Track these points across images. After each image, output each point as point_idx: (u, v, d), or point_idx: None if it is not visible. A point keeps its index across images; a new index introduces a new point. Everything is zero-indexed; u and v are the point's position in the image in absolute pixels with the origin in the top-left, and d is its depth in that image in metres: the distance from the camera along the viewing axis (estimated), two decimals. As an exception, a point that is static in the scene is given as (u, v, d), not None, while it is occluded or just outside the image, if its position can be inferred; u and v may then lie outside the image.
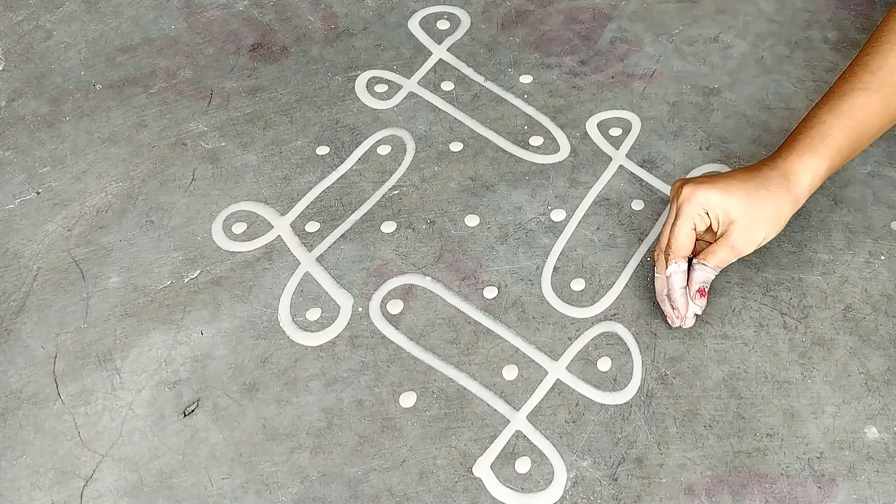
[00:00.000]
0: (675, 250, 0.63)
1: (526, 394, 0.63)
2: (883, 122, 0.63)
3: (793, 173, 0.62)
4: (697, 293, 0.63)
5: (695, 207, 0.62)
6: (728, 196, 0.61)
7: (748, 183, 0.62)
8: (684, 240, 0.62)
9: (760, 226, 0.61)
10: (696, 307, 0.63)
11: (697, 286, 0.63)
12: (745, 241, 0.62)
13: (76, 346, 0.65)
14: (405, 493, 0.58)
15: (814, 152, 0.62)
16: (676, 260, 0.63)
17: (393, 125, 0.78)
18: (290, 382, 0.63)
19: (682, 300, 0.63)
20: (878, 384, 0.63)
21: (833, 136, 0.62)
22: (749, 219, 0.61)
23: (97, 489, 0.59)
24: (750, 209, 0.61)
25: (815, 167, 0.62)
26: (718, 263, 0.63)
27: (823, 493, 0.58)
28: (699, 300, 0.63)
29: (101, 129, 0.78)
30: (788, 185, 0.61)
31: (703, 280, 0.63)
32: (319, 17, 0.87)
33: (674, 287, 0.63)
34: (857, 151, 0.64)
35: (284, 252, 0.70)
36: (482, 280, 0.68)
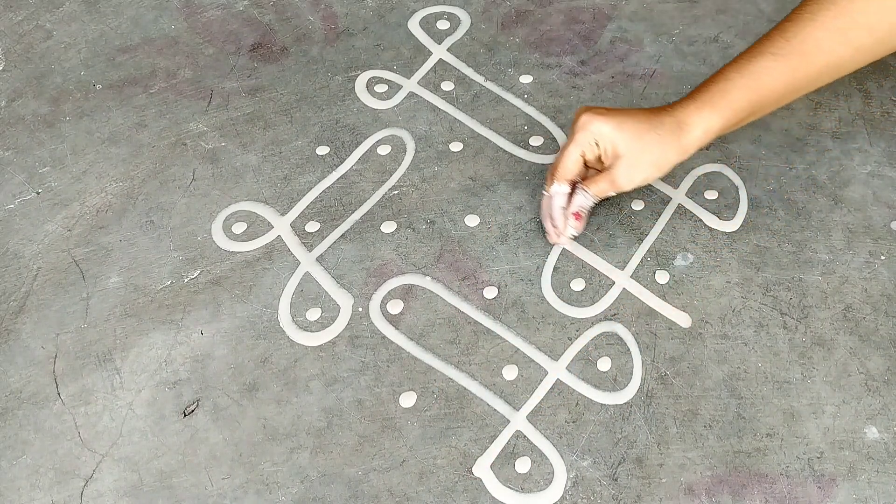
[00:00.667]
0: (560, 172, 0.66)
1: (526, 394, 0.63)
2: (787, 90, 0.64)
3: (686, 123, 0.63)
4: (573, 216, 0.67)
5: (587, 136, 0.64)
6: (619, 132, 0.63)
7: (642, 123, 0.63)
8: (570, 164, 0.66)
9: (643, 167, 0.64)
10: (572, 229, 0.68)
11: (574, 209, 0.67)
12: (626, 178, 0.64)
13: (76, 346, 0.65)
14: (405, 493, 0.58)
15: (711, 106, 0.63)
16: (560, 182, 0.67)
17: (393, 125, 0.78)
18: (290, 382, 0.63)
19: (560, 219, 0.68)
20: (878, 384, 0.63)
21: (733, 95, 0.63)
22: (633, 158, 0.64)
23: (97, 489, 0.59)
24: (636, 149, 0.63)
25: (709, 122, 0.63)
26: (597, 192, 0.66)
27: (823, 493, 0.58)
28: (574, 222, 0.68)
29: (101, 129, 0.78)
30: (679, 134, 0.63)
31: (581, 205, 0.67)
32: (319, 17, 0.87)
33: (554, 206, 0.68)
34: (756, 115, 0.65)
35: (284, 252, 0.70)
36: (482, 280, 0.68)
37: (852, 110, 0.78)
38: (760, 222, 0.71)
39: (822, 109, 0.78)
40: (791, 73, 0.63)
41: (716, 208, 0.72)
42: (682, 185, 0.74)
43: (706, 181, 0.74)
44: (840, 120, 0.78)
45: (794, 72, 0.63)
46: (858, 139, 0.76)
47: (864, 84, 0.80)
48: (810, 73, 0.63)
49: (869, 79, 0.81)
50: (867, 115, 0.78)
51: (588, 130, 0.64)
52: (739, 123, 0.64)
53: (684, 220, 0.72)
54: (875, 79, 0.81)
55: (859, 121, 0.78)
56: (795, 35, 0.62)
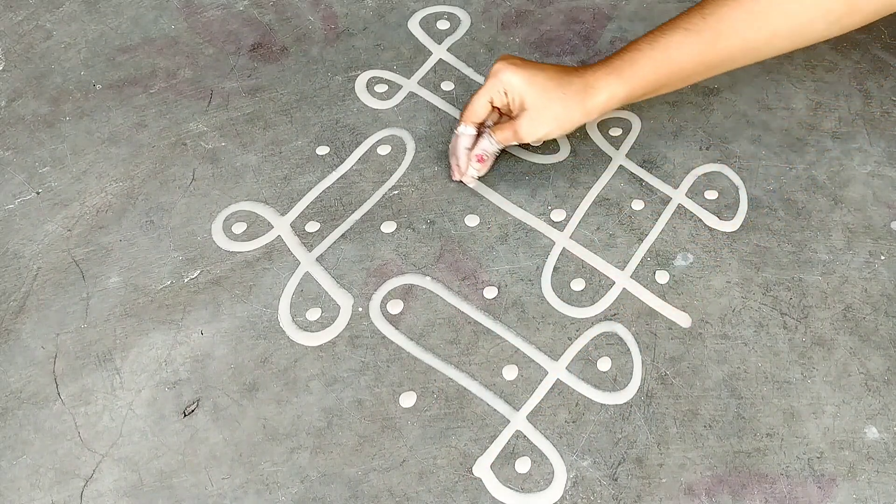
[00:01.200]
0: (467, 115, 0.69)
1: (526, 394, 0.63)
2: (697, 67, 0.65)
3: (592, 87, 0.65)
4: (476, 157, 0.70)
5: (497, 84, 0.67)
6: (528, 85, 0.65)
7: (551, 80, 0.66)
8: (478, 108, 0.68)
9: (545, 122, 0.66)
10: (474, 170, 0.71)
11: (478, 152, 0.70)
12: (528, 130, 0.67)
13: (76, 346, 0.65)
14: (405, 493, 0.58)
15: (618, 74, 0.65)
16: (467, 123, 0.70)
17: (393, 125, 0.78)
18: (290, 382, 0.63)
19: (463, 158, 0.71)
20: (878, 384, 0.63)
21: (641, 65, 0.64)
22: (538, 112, 0.66)
23: (97, 489, 0.59)
24: (541, 104, 0.66)
25: (615, 89, 0.65)
26: (501, 139, 0.69)
27: (823, 493, 0.58)
28: (476, 164, 0.71)
29: (101, 129, 0.78)
30: (584, 97, 0.65)
31: (484, 148, 0.70)
32: (319, 17, 0.87)
33: (458, 146, 0.71)
34: (664, 88, 0.66)
35: (284, 252, 0.70)
36: (482, 280, 0.68)
37: (852, 110, 0.78)
38: (760, 222, 0.71)
39: (822, 109, 0.78)
40: (703, 51, 0.64)
41: (716, 208, 0.72)
42: (682, 185, 0.74)
43: (706, 181, 0.74)
44: (840, 120, 0.78)
45: (706, 50, 0.64)
46: (858, 139, 0.76)
47: (864, 84, 0.80)
48: (723, 54, 0.64)
49: (869, 79, 0.81)
50: (867, 115, 0.78)
51: (499, 79, 0.66)
52: (647, 94, 0.66)
53: (684, 220, 0.72)
54: (875, 79, 0.81)
55: (859, 121, 0.78)
56: (713, 13, 0.63)
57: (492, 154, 0.71)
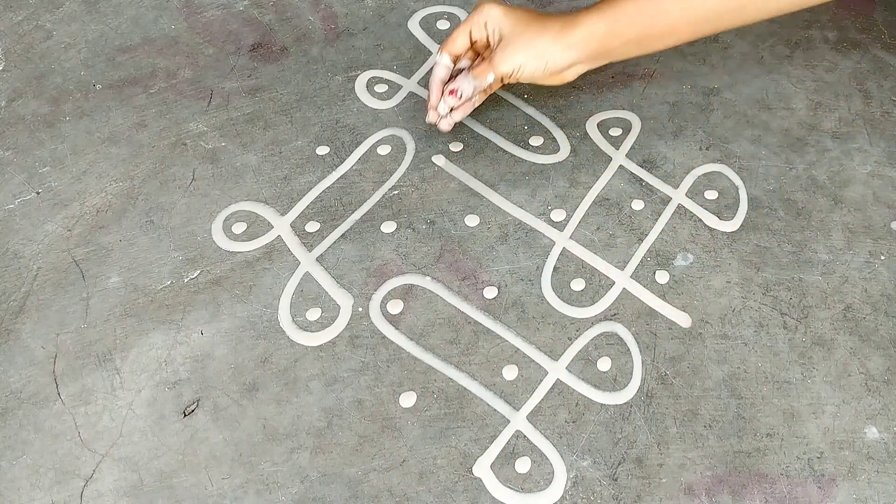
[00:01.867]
0: (445, 43, 0.70)
1: (526, 394, 0.63)
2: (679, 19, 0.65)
3: (570, 23, 0.66)
4: (449, 91, 0.70)
5: (477, 16, 0.68)
6: (506, 18, 0.67)
7: (530, 15, 0.67)
8: (457, 38, 0.69)
9: (520, 51, 0.66)
10: (445, 105, 0.70)
11: (452, 87, 0.70)
12: (501, 58, 0.67)
13: (76, 346, 0.65)
14: (405, 493, 0.58)
15: (598, 12, 0.66)
16: (443, 52, 0.70)
17: (393, 125, 0.78)
18: (290, 382, 0.63)
19: (436, 91, 0.71)
20: (878, 384, 0.63)
21: (624, 8, 0.65)
22: (513, 42, 0.67)
23: (97, 489, 0.59)
24: (517, 34, 0.67)
25: (594, 25, 0.66)
26: (477, 74, 0.69)
27: (823, 493, 0.58)
28: (449, 97, 0.70)
29: (101, 129, 0.78)
30: (562, 30, 0.66)
31: (460, 85, 0.70)
32: (319, 17, 0.87)
33: (434, 76, 0.71)
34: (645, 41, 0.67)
35: (284, 252, 0.70)
36: (482, 280, 0.68)
37: (852, 110, 0.78)
38: (760, 222, 0.71)
39: (822, 109, 0.79)
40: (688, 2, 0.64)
41: (716, 208, 0.72)
42: (682, 185, 0.74)
43: (706, 181, 0.74)
44: (840, 120, 0.78)
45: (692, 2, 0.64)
46: (858, 139, 0.76)
47: (864, 84, 0.80)
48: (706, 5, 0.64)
49: (869, 79, 0.81)
50: (867, 115, 0.78)
51: (480, 12, 0.68)
52: (629, 44, 0.67)
53: (684, 220, 0.72)
54: (875, 79, 0.81)
55: (859, 121, 0.78)
56: None
57: (468, 93, 0.70)
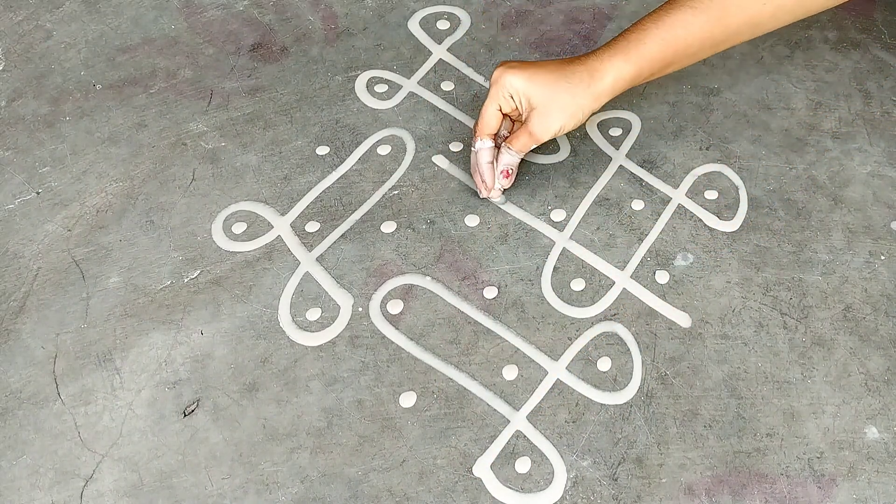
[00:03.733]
0: (481, 128, 0.69)
1: (526, 394, 0.63)
2: (703, 45, 0.65)
3: (598, 71, 0.65)
4: (502, 174, 0.70)
5: (500, 90, 0.66)
6: (531, 84, 0.65)
7: (553, 73, 0.65)
8: (489, 118, 0.68)
9: (556, 116, 0.66)
10: (500, 186, 0.71)
11: (502, 168, 0.69)
12: (541, 128, 0.66)
13: (76, 346, 0.65)
14: (405, 493, 0.58)
15: (623, 55, 0.64)
16: (482, 137, 0.69)
17: (393, 125, 0.78)
18: (290, 382, 0.63)
19: (488, 174, 0.70)
20: (878, 384, 0.63)
21: (647, 45, 0.64)
22: (546, 108, 0.66)
23: (97, 489, 0.59)
24: (548, 99, 0.65)
25: (621, 70, 0.64)
26: (520, 148, 0.68)
27: (823, 493, 0.58)
28: (503, 180, 0.70)
29: (101, 129, 0.78)
30: (590, 82, 0.65)
31: (508, 163, 0.69)
32: (319, 17, 0.87)
33: (480, 162, 0.70)
34: (670, 67, 0.66)
35: (284, 252, 0.70)
36: (482, 280, 0.68)
37: (852, 110, 0.78)
38: (760, 222, 0.71)
39: (822, 109, 0.79)
40: (708, 28, 0.64)
41: (716, 208, 0.72)
42: (682, 185, 0.74)
43: (706, 181, 0.74)
44: (840, 120, 0.78)
45: (711, 27, 0.64)
46: (858, 139, 0.76)
47: (864, 84, 0.80)
48: (728, 29, 0.65)
49: (869, 79, 0.81)
50: (867, 115, 0.78)
51: (502, 84, 0.66)
52: (653, 75, 0.66)
53: (684, 220, 0.72)
54: (875, 79, 0.81)
55: (859, 121, 0.78)
56: None
57: (515, 166, 0.70)
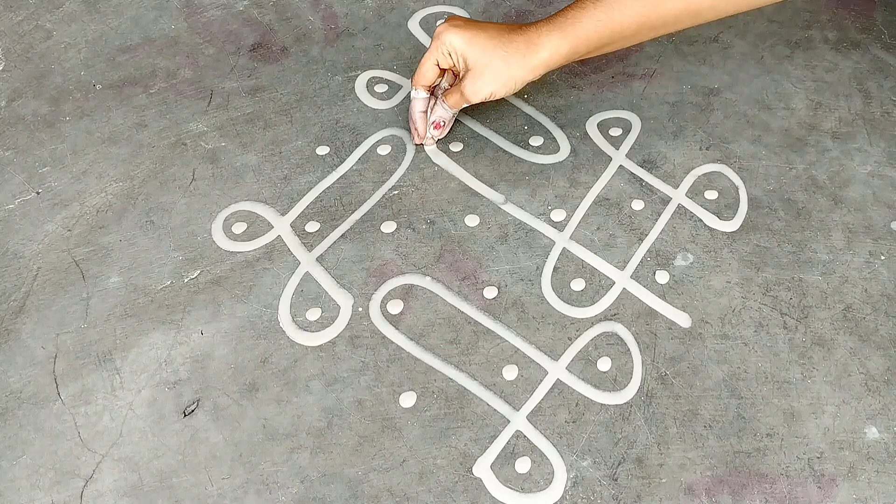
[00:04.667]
0: (417, 79, 0.72)
1: (526, 394, 0.63)
2: (640, 29, 0.66)
3: (534, 44, 0.66)
4: (432, 125, 0.74)
5: (440, 46, 0.69)
6: (469, 45, 0.67)
7: (493, 39, 0.67)
8: (426, 71, 0.71)
9: (489, 81, 0.68)
10: (431, 134, 0.75)
11: (433, 119, 0.73)
12: (473, 90, 0.69)
13: (76, 346, 0.65)
14: (405, 493, 0.58)
15: (561, 32, 0.66)
16: (417, 87, 0.72)
17: (393, 125, 0.78)
18: (290, 382, 0.63)
19: (420, 123, 0.74)
20: (878, 384, 0.63)
21: (584, 24, 0.65)
22: (480, 72, 0.68)
23: (97, 489, 0.59)
24: (483, 63, 0.67)
25: (557, 46, 0.66)
26: (452, 104, 0.72)
27: (823, 493, 0.58)
28: (434, 131, 0.74)
29: (101, 129, 0.78)
30: (526, 53, 0.66)
31: (440, 116, 0.73)
32: (319, 17, 0.87)
33: (413, 110, 0.74)
34: (607, 47, 0.68)
35: (284, 252, 0.70)
36: (482, 280, 0.68)
37: (852, 110, 0.78)
38: (760, 222, 0.71)
39: (822, 109, 0.79)
40: (645, 13, 0.65)
41: (716, 208, 0.72)
42: (682, 185, 0.74)
43: (706, 181, 0.74)
44: (840, 120, 0.78)
45: (648, 12, 0.65)
46: (858, 139, 0.76)
47: (864, 84, 0.80)
48: (667, 15, 0.66)
49: (869, 79, 0.81)
50: (867, 115, 0.78)
51: (442, 41, 0.68)
52: (590, 53, 0.68)
53: (684, 220, 0.72)
54: (875, 79, 0.81)
55: (859, 121, 0.78)
56: None
57: (448, 119, 0.74)
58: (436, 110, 0.73)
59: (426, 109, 0.74)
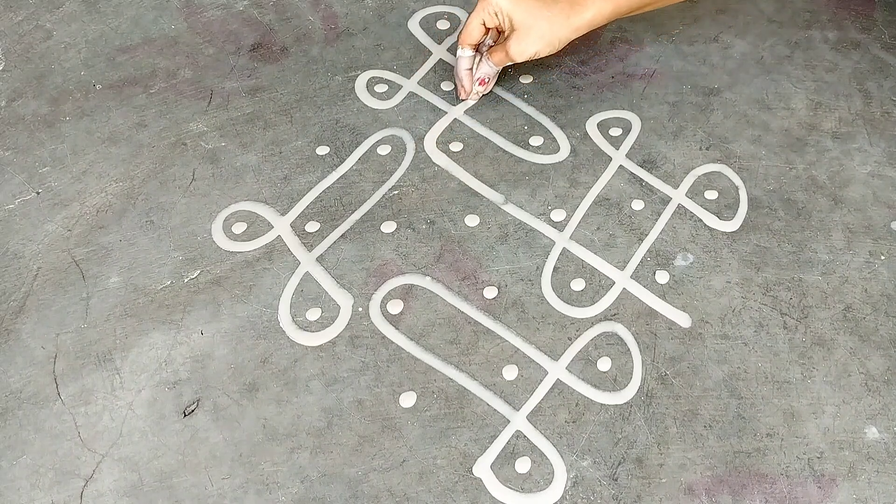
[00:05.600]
0: (463, 37, 0.74)
1: (526, 394, 0.63)
2: None
3: (579, 4, 0.71)
4: (478, 82, 0.77)
5: (487, 6, 0.71)
6: (515, 6, 0.70)
7: (538, 0, 0.70)
8: (472, 30, 0.73)
9: (534, 42, 0.71)
10: (477, 90, 0.78)
11: (479, 76, 0.77)
12: (518, 50, 0.72)
13: (76, 346, 0.65)
14: (405, 493, 0.58)
15: None
16: (464, 46, 0.75)
17: (393, 125, 0.78)
18: (290, 382, 0.63)
19: (466, 80, 0.77)
20: (878, 384, 0.63)
21: None
22: (525, 32, 0.71)
23: (97, 489, 0.59)
24: (528, 24, 0.71)
25: (601, 6, 0.70)
26: (496, 61, 0.75)
27: (823, 493, 0.58)
28: (479, 87, 0.78)
29: (101, 129, 0.78)
30: (570, 14, 0.70)
31: (485, 73, 0.77)
32: (319, 17, 0.87)
33: (460, 68, 0.77)
34: (648, 6, 0.72)
35: (284, 252, 0.70)
36: (482, 280, 0.68)
37: (852, 110, 0.78)
38: (760, 222, 0.71)
39: (822, 109, 0.79)
40: None
41: (716, 208, 0.72)
42: (682, 185, 0.74)
43: (706, 181, 0.74)
44: (840, 120, 0.78)
45: None
46: (858, 139, 0.76)
47: (864, 84, 0.80)
48: None
49: (869, 79, 0.81)
50: (867, 115, 0.78)
51: (489, 2, 0.71)
52: (632, 11, 0.71)
53: (684, 220, 0.72)
54: (875, 79, 0.81)
55: (859, 121, 0.78)
56: None
57: (492, 76, 0.77)
58: (481, 67, 0.76)
59: (472, 67, 0.77)
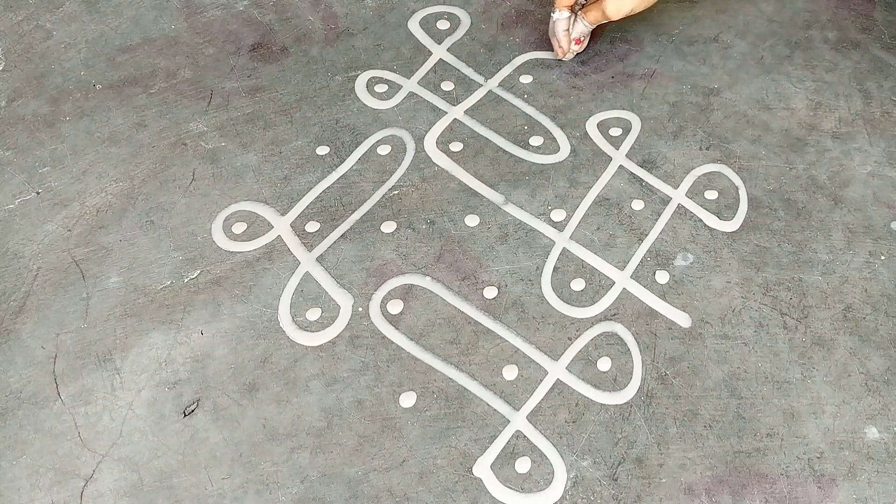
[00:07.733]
0: (560, 0, 0.78)
1: (526, 394, 0.63)
2: None
3: None
4: (574, 41, 0.81)
5: None
6: None
7: None
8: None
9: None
10: (574, 49, 0.82)
11: (575, 35, 0.81)
12: (615, 8, 0.76)
13: (76, 346, 0.65)
14: (405, 493, 0.58)
15: None
16: (560, 8, 0.79)
17: (393, 125, 0.78)
18: (290, 382, 0.63)
19: (564, 40, 0.81)
20: (878, 384, 0.63)
21: None
22: None
23: (97, 489, 0.59)
24: None
25: None
26: (592, 20, 0.79)
27: (823, 493, 0.58)
28: (575, 46, 0.81)
29: (101, 129, 0.78)
30: None
31: (581, 31, 0.80)
32: (319, 17, 0.87)
33: (557, 30, 0.80)
34: None
35: (284, 252, 0.70)
36: (482, 280, 0.68)
37: (852, 110, 0.78)
38: (760, 222, 0.71)
39: (822, 109, 0.79)
40: None
41: (716, 208, 0.72)
42: (682, 185, 0.74)
43: (706, 181, 0.74)
44: (840, 120, 0.78)
45: None
46: (858, 139, 0.76)
47: (864, 84, 0.80)
48: None
49: (869, 79, 0.81)
50: (867, 115, 0.78)
51: None
52: None
53: (684, 220, 0.72)
54: (875, 79, 0.81)
55: (859, 121, 0.78)
56: None
57: (587, 34, 0.81)
58: (577, 26, 0.80)
59: (568, 28, 0.80)
